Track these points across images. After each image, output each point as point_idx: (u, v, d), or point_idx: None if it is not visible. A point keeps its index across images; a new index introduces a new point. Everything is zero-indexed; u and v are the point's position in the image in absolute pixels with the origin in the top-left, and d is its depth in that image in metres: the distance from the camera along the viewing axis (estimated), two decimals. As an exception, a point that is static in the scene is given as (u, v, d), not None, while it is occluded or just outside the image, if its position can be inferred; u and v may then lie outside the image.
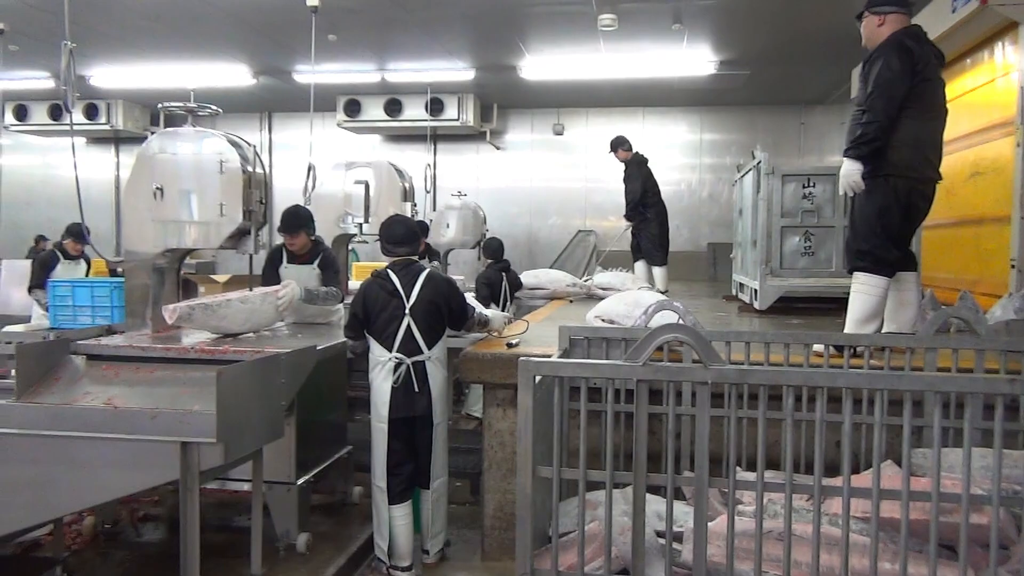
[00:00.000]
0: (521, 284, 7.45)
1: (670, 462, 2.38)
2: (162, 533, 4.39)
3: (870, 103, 3.61)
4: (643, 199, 7.61)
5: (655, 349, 2.30)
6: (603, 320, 4.21)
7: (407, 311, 3.80)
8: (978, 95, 6.22)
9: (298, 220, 4.89)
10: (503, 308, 6.99)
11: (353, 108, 11.24)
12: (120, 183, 13.24)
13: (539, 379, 2.45)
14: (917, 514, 2.29)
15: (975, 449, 2.37)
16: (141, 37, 8.59)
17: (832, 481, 2.30)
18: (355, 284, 7.05)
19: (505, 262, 7.37)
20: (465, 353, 3.94)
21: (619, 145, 7.79)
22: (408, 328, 3.79)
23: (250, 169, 4.30)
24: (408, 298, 3.81)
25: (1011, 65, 5.66)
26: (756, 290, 5.87)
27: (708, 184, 12.21)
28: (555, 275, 8.03)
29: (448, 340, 4.04)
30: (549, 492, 2.49)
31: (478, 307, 4.40)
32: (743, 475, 2.80)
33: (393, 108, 11.16)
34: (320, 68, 8.81)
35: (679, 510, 2.81)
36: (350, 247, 7.64)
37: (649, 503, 2.46)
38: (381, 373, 3.80)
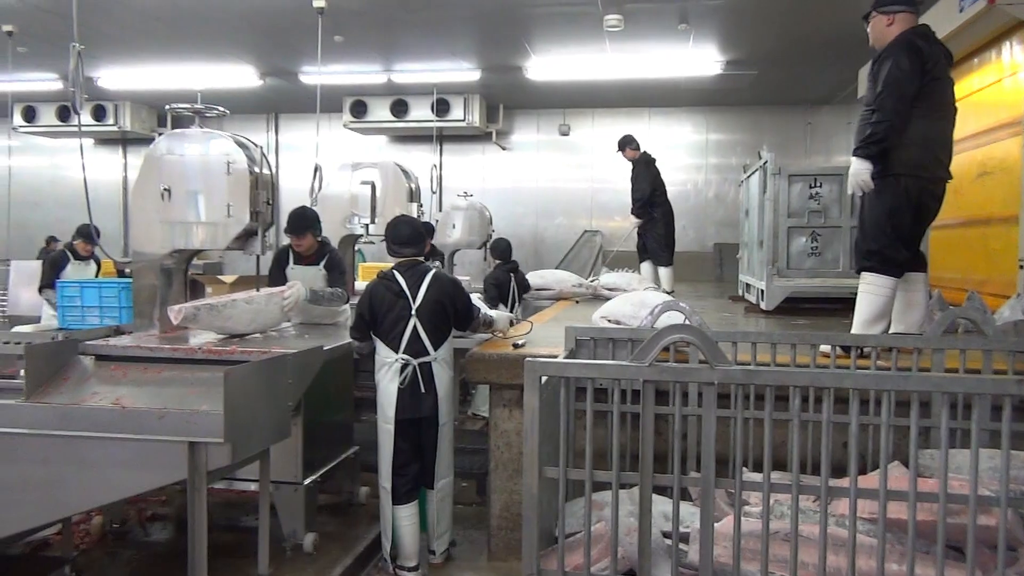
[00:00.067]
0: (529, 285, 7.45)
1: (676, 463, 2.38)
2: (169, 533, 4.41)
3: (880, 102, 3.59)
4: (651, 198, 7.61)
5: (661, 350, 2.30)
6: (609, 321, 4.22)
7: (413, 312, 3.80)
8: (985, 95, 6.20)
9: (305, 221, 4.91)
10: (511, 309, 7.00)
11: (359, 109, 11.26)
12: (128, 184, 13.30)
13: (545, 379, 2.45)
14: (924, 515, 2.28)
15: (983, 450, 2.37)
16: (148, 39, 8.62)
17: (839, 482, 2.30)
18: (361, 285, 7.08)
19: (513, 263, 7.38)
20: (471, 354, 3.94)
21: (627, 144, 7.79)
22: (414, 329, 3.79)
23: (257, 170, 4.31)
24: (414, 299, 3.82)
25: (1019, 65, 5.64)
26: (762, 290, 5.86)
27: (714, 184, 12.19)
28: (561, 275, 8.03)
29: (454, 341, 4.05)
30: (555, 492, 2.49)
31: (483, 308, 4.41)
32: (749, 476, 2.80)
33: (399, 109, 11.17)
34: (326, 69, 8.83)
35: (685, 511, 2.81)
36: (356, 248, 7.65)
37: (655, 504, 2.46)
38: (388, 374, 3.81)
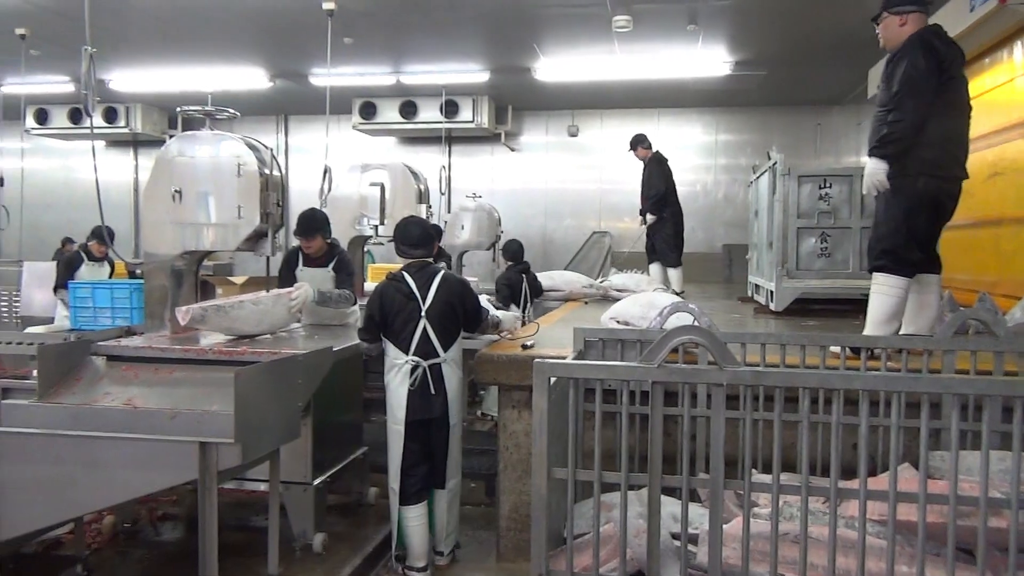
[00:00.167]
0: (541, 286, 7.46)
1: (685, 464, 2.38)
2: (180, 532, 4.43)
3: (897, 102, 3.56)
4: (664, 196, 7.58)
5: (670, 351, 2.30)
6: (618, 322, 4.21)
7: (423, 313, 3.81)
8: (997, 95, 6.17)
9: (314, 224, 4.92)
10: (523, 310, 7.01)
11: (368, 110, 11.30)
12: (139, 186, 13.37)
13: (554, 380, 2.45)
14: (934, 517, 2.27)
15: (993, 452, 2.35)
16: (159, 41, 8.68)
17: (848, 483, 2.29)
18: (370, 286, 7.11)
19: (525, 264, 7.40)
20: (480, 355, 3.95)
21: (639, 143, 7.78)
22: (424, 330, 3.80)
23: (267, 172, 4.34)
24: (424, 300, 3.82)
25: (1030, 64, 5.61)
26: (772, 291, 5.84)
27: (723, 185, 12.16)
28: (570, 277, 8.04)
29: (463, 342, 4.06)
30: (564, 493, 2.49)
31: (490, 309, 4.41)
32: (759, 477, 2.79)
33: (408, 110, 11.20)
34: (336, 71, 8.84)
35: (694, 512, 2.81)
36: (366, 249, 7.68)
37: (664, 505, 2.46)
38: (397, 376, 3.81)
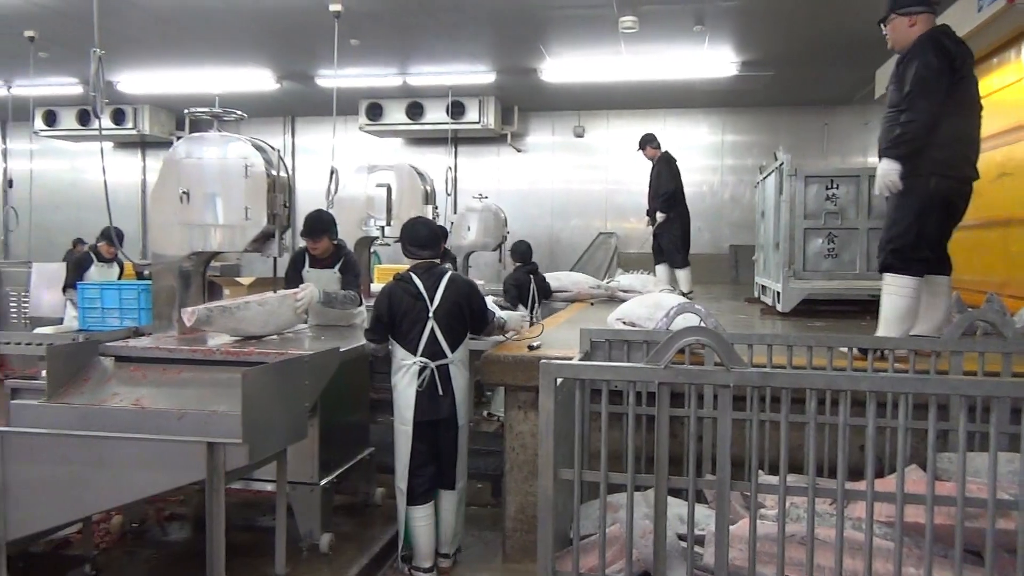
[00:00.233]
0: (550, 287, 7.47)
1: (691, 465, 2.38)
2: (187, 532, 4.45)
3: (909, 102, 3.55)
4: (673, 196, 7.55)
5: (676, 352, 2.30)
6: (624, 323, 4.21)
7: (431, 314, 3.82)
8: (1005, 95, 6.14)
9: (321, 225, 4.93)
10: (531, 310, 7.02)
11: (375, 112, 11.32)
12: (146, 187, 13.42)
13: (560, 381, 2.46)
14: (942, 519, 2.26)
15: (1001, 454, 2.34)
16: (167, 43, 8.71)
17: (855, 485, 2.29)
18: (376, 287, 7.12)
19: (533, 264, 7.43)
20: (486, 355, 3.95)
21: (647, 143, 7.76)
22: (432, 331, 3.80)
23: (274, 173, 4.35)
24: (432, 301, 3.83)
25: (1039, 64, 5.58)
26: (779, 292, 5.83)
27: (730, 186, 12.13)
28: (577, 278, 8.04)
29: (469, 342, 4.06)
30: (570, 494, 2.49)
31: (496, 311, 4.41)
32: (765, 478, 2.79)
33: (414, 111, 11.22)
34: (342, 72, 8.89)
35: (701, 513, 2.80)
36: (372, 250, 7.69)
37: (671, 506, 2.46)
38: (405, 377, 3.82)
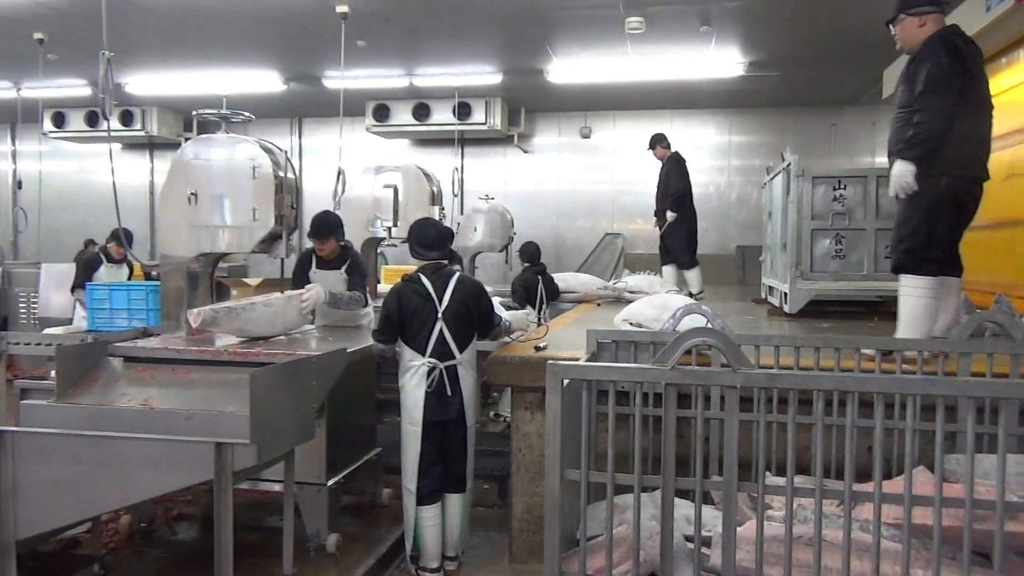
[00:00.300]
0: (557, 288, 7.47)
1: (699, 466, 2.38)
2: (195, 532, 4.47)
3: (923, 102, 3.53)
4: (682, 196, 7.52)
5: (683, 352, 2.30)
6: (631, 323, 4.20)
7: (439, 315, 3.83)
8: (1013, 95, 6.12)
9: (328, 226, 4.94)
10: (539, 311, 7.03)
11: (382, 113, 11.34)
12: (154, 188, 13.48)
13: (567, 382, 2.46)
14: (950, 521, 2.26)
15: (1010, 456, 2.34)
16: (175, 45, 8.75)
17: (863, 486, 2.28)
18: (383, 288, 7.14)
19: (541, 265, 7.44)
20: (493, 356, 3.95)
21: (658, 142, 7.74)
22: (440, 332, 3.81)
23: (282, 174, 4.37)
24: (440, 302, 3.84)
25: (1048, 64, 5.56)
26: (786, 293, 5.81)
27: (737, 186, 12.11)
28: (585, 279, 8.04)
29: (476, 343, 4.07)
30: (577, 495, 2.49)
31: (502, 313, 4.42)
32: (772, 480, 2.78)
33: (421, 112, 11.23)
34: (349, 74, 8.90)
35: (708, 514, 2.80)
36: (379, 251, 7.71)
37: (677, 507, 2.46)
38: (414, 378, 3.82)
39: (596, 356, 3.42)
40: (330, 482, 4.13)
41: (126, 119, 12.05)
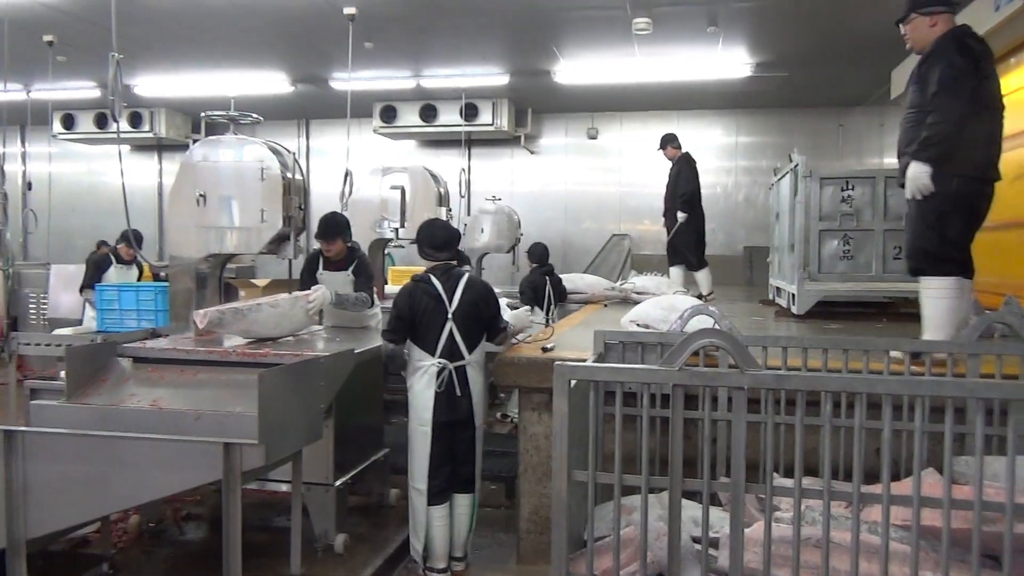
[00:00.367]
0: (565, 289, 7.47)
1: (706, 467, 2.38)
2: (204, 532, 4.48)
3: (937, 103, 3.51)
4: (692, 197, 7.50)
5: (691, 354, 2.30)
6: (638, 324, 4.21)
7: (449, 316, 3.84)
8: (1023, 95, 6.09)
9: (335, 227, 4.95)
10: (546, 312, 7.04)
11: (389, 114, 11.35)
12: (163, 189, 13.52)
13: (574, 383, 2.46)
14: (959, 523, 2.25)
15: (1019, 457, 2.32)
16: (183, 46, 8.79)
17: (871, 488, 2.28)
18: (391, 289, 7.15)
19: (549, 266, 7.45)
20: (501, 357, 3.96)
21: (668, 142, 7.70)
22: (450, 333, 3.82)
23: (289, 176, 4.39)
24: (450, 303, 3.85)
25: (1057, 64, 5.53)
26: (793, 294, 5.80)
27: (744, 187, 12.08)
28: (591, 279, 8.04)
29: (484, 345, 4.07)
30: (584, 496, 2.50)
31: (504, 314, 4.41)
32: (780, 481, 2.78)
33: (428, 114, 11.25)
34: (356, 75, 8.93)
35: (715, 516, 2.80)
36: (386, 252, 7.72)
37: (685, 508, 2.46)
38: (423, 378, 3.83)
39: (603, 357, 3.42)
40: (338, 483, 4.13)
41: (135, 121, 12.10)
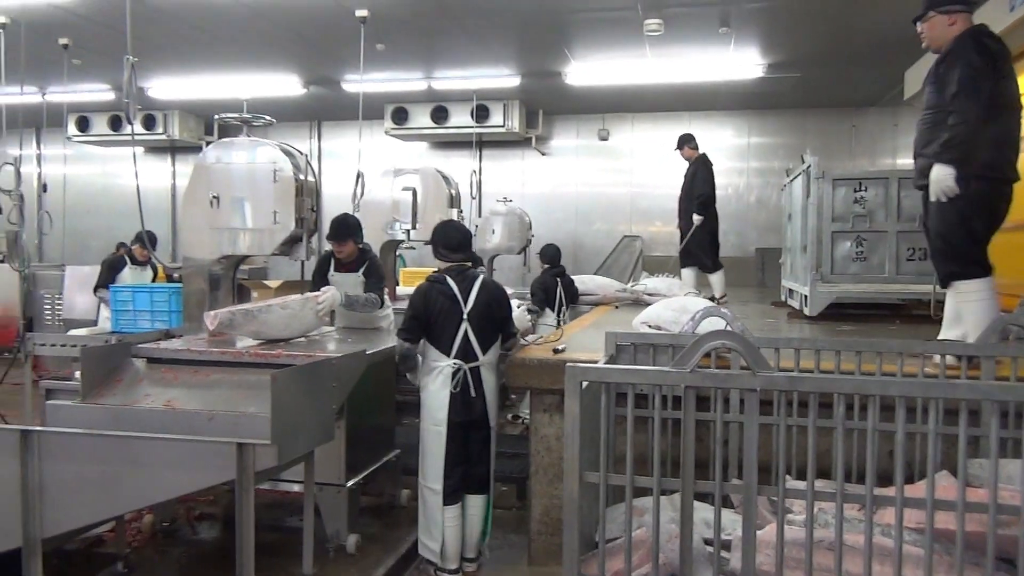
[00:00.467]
0: (577, 290, 7.47)
1: (718, 469, 2.37)
2: (217, 532, 4.51)
3: (957, 104, 3.47)
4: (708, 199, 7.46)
5: (703, 355, 2.30)
6: (650, 326, 4.20)
7: (465, 317, 3.85)
8: (1039, 95, 6.04)
9: (347, 229, 4.97)
10: (558, 313, 7.04)
11: (400, 116, 11.39)
12: (176, 191, 13.61)
13: (586, 385, 2.46)
14: (973, 526, 2.24)
15: (1035, 460, 2.31)
16: (196, 49, 8.85)
17: (885, 491, 2.27)
18: (403, 290, 7.17)
19: (560, 267, 7.44)
20: (512, 359, 3.97)
21: (686, 142, 7.66)
22: (465, 334, 3.84)
23: (302, 177, 4.41)
24: (466, 304, 3.86)
25: (1073, 64, 5.47)
26: (806, 296, 5.78)
27: (756, 188, 12.03)
28: (602, 281, 8.03)
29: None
30: (596, 498, 2.49)
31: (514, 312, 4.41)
32: (792, 483, 2.77)
33: (439, 115, 11.27)
34: (368, 77, 8.96)
35: (727, 518, 2.79)
36: (397, 253, 7.74)
37: (697, 510, 2.45)
38: (438, 379, 3.84)
39: (615, 359, 3.41)
40: (350, 483, 4.15)
41: (148, 123, 12.19)
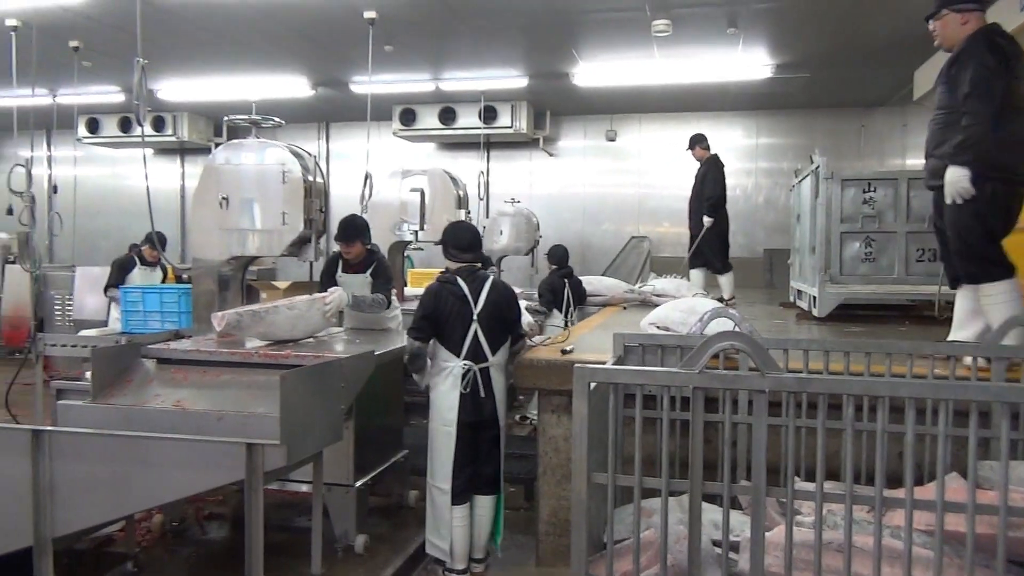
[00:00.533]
0: (585, 291, 7.47)
1: (726, 471, 2.36)
2: (226, 532, 4.53)
3: (970, 104, 3.46)
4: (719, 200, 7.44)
5: (711, 356, 2.30)
6: (658, 327, 4.19)
7: (475, 317, 3.86)
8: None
9: (355, 230, 4.98)
10: (565, 314, 7.04)
11: (408, 117, 11.41)
12: (185, 192, 13.67)
13: (594, 386, 2.46)
14: (984, 528, 2.22)
15: (1046, 462, 2.30)
16: (205, 52, 8.88)
17: (894, 493, 2.26)
18: (411, 291, 7.18)
19: (568, 268, 7.44)
20: (520, 359, 3.97)
21: (697, 143, 7.64)
22: (475, 334, 3.85)
23: (310, 179, 4.43)
24: (476, 304, 3.87)
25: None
26: (815, 297, 5.76)
27: (764, 189, 12.00)
28: (610, 282, 8.02)
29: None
30: (604, 499, 2.49)
31: (524, 316, 4.42)
32: (801, 485, 2.76)
33: (447, 116, 11.28)
34: (376, 78, 8.97)
35: (735, 519, 2.78)
36: (405, 254, 7.75)
37: (705, 512, 2.45)
38: (448, 379, 3.85)
39: (623, 360, 3.41)
40: (358, 483, 4.16)
41: (158, 125, 12.24)
